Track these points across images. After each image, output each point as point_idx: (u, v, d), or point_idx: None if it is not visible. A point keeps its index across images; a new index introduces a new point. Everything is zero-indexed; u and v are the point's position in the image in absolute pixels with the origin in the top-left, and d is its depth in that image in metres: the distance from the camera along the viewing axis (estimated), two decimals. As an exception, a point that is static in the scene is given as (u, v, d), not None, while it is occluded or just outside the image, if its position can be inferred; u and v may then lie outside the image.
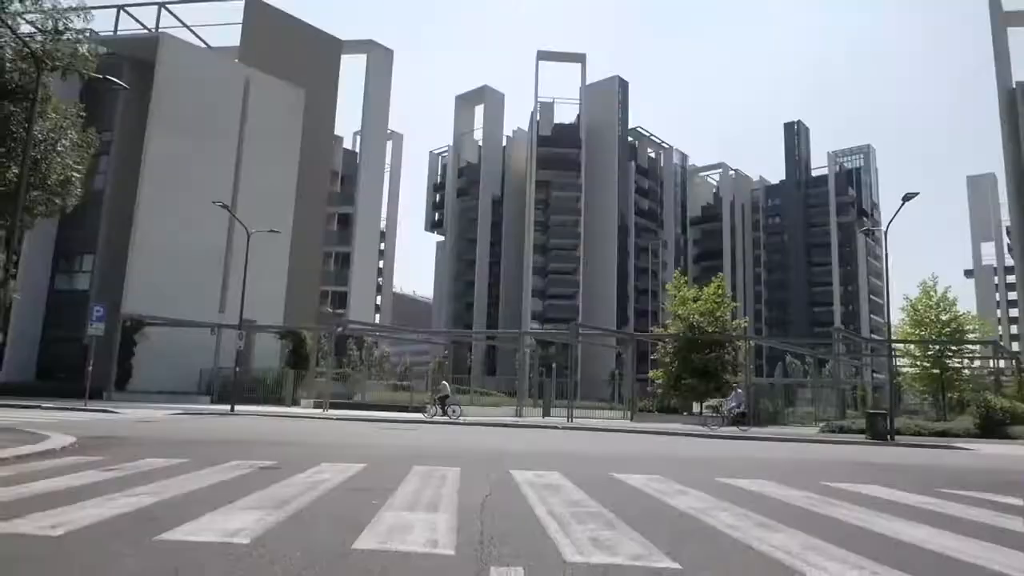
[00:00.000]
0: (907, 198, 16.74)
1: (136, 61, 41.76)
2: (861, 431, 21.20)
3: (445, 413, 24.57)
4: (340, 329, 32.91)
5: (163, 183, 38.73)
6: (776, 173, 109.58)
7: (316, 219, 52.52)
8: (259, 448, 8.80)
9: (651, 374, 33.75)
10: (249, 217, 42.62)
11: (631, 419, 30.26)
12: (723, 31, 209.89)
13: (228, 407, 31.16)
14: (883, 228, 19.17)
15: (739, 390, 24.71)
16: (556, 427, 20.08)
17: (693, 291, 32.08)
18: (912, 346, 32.79)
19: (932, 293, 31.75)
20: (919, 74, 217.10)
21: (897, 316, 34.75)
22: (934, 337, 31.41)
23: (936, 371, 31.34)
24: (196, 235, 39.22)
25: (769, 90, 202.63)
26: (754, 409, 29.65)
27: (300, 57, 50.58)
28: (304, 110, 47.70)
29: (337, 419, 20.52)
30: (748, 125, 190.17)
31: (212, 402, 34.22)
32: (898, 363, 37.03)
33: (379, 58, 61.85)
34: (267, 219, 44.00)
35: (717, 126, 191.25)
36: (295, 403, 34.09)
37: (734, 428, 22.08)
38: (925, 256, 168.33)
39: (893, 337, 33.43)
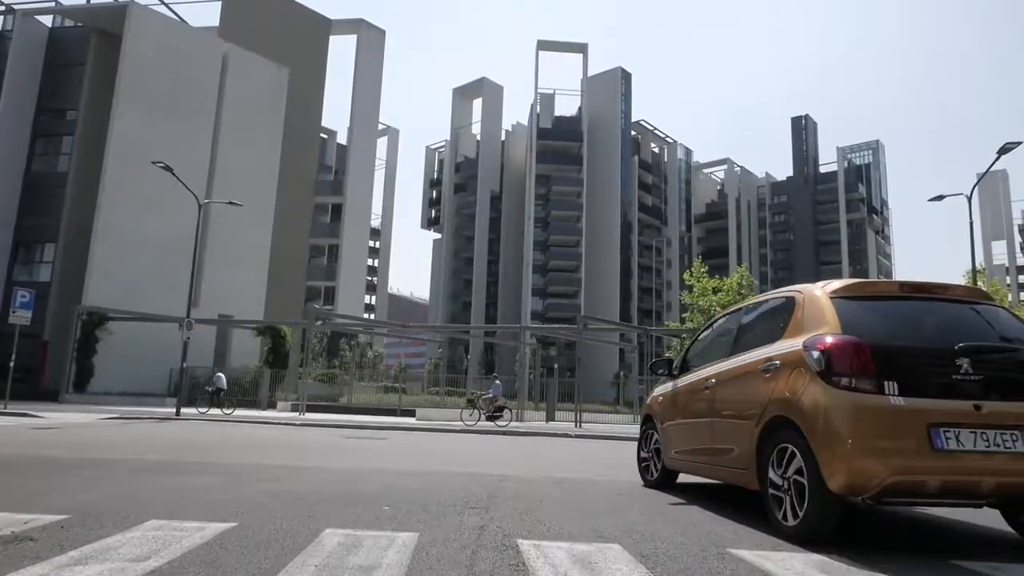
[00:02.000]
0: (1004, 150, 13.52)
1: (104, 34, 38.50)
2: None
3: (220, 408, 22.50)
4: (320, 323, 29.42)
5: (130, 165, 35.30)
6: (781, 169, 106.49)
7: (302, 208, 49.16)
8: (107, 477, 5.44)
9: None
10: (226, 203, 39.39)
11: (645, 424, 26.81)
12: (726, 23, 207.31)
13: (192, 410, 27.97)
14: (967, 194, 16.00)
15: (497, 381, 22.60)
16: (567, 435, 16.65)
17: (714, 281, 28.81)
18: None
19: (981, 282, 28.38)
20: (925, 71, 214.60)
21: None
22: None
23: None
24: (167, 222, 35.74)
25: (773, 85, 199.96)
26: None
27: (285, 36, 47.20)
28: (290, 92, 44.36)
29: (301, 424, 17.13)
30: (752, 121, 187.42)
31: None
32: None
33: (370, 38, 58.32)
34: (246, 206, 40.79)
35: (719, 122, 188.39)
36: (271, 406, 30.67)
37: (491, 423, 19.87)
38: (934, 255, 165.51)
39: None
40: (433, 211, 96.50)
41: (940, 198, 17.65)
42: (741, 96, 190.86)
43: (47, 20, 40.16)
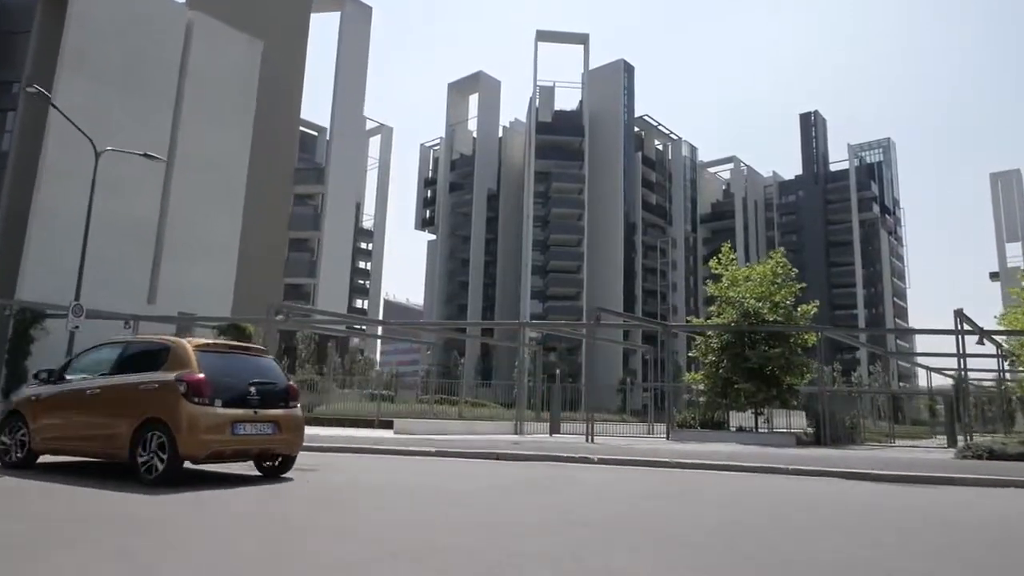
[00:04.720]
0: None
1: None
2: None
3: None
4: (281, 317, 25.13)
5: (76, 142, 30.86)
6: (787, 168, 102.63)
7: (279, 198, 44.94)
8: None
9: (689, 376, 26.22)
10: (190, 188, 35.14)
11: (667, 437, 22.67)
12: (726, 19, 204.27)
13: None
14: None
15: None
16: (590, 459, 12.03)
17: (745, 270, 24.62)
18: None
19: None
20: (933, 69, 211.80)
21: (991, 307, 27.39)
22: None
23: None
24: (120, 207, 31.47)
25: (775, 83, 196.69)
26: (829, 424, 22.10)
27: (260, 7, 43.08)
28: (266, 70, 40.17)
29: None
30: (755, 119, 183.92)
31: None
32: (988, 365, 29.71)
33: (355, 13, 54.23)
34: (213, 192, 36.52)
35: (721, 120, 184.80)
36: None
37: None
38: (947, 258, 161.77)
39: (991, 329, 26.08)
40: (428, 211, 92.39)
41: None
42: (743, 94, 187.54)
43: (-10, -16, 35.97)
